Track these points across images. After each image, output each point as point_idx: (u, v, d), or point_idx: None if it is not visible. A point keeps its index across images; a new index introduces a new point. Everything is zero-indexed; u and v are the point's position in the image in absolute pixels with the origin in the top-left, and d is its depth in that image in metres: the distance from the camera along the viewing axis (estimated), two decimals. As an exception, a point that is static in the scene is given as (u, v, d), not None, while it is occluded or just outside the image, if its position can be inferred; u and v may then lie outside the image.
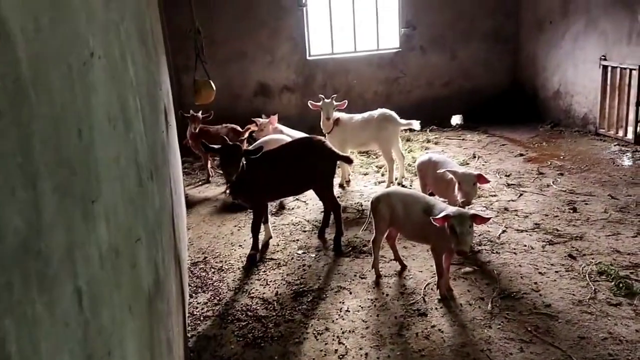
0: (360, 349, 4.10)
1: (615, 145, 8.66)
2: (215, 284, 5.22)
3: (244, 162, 5.23)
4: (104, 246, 1.37)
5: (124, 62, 2.32)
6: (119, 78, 2.09)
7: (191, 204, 7.38)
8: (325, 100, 7.42)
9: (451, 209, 4.39)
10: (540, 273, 5.00)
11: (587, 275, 4.86)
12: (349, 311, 4.63)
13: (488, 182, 5.60)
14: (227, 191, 6.96)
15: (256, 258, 5.67)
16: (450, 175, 5.30)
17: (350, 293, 4.92)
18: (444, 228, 4.34)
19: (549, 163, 8.16)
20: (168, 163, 4.29)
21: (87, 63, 1.49)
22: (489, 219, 4.55)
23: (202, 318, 4.67)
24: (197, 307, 4.83)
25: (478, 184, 5.30)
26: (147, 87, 3.22)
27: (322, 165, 5.73)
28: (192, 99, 7.54)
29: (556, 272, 5.00)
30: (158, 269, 2.51)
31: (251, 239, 6.04)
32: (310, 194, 6.42)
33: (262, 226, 5.91)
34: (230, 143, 5.26)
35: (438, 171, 5.38)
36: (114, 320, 1.38)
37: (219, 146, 5.19)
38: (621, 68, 8.62)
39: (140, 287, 1.91)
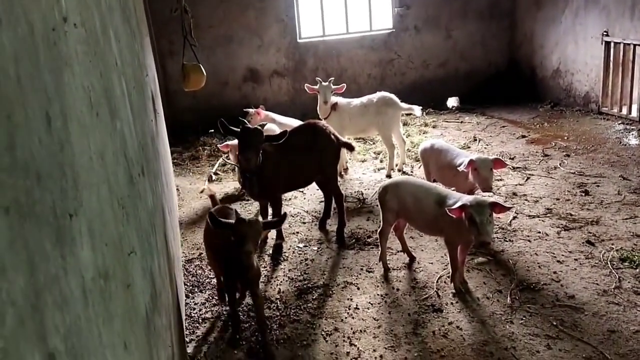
0: (374, 350, 3.79)
1: (619, 124, 8.39)
2: (212, 282, 4.87)
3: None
4: (89, 273, 1.02)
5: (107, 37, 1.94)
6: (101, 55, 1.72)
7: (183, 196, 6.99)
8: (323, 83, 7.03)
9: (467, 198, 4.07)
10: (558, 261, 4.72)
11: (608, 263, 4.58)
12: (359, 309, 4.32)
13: (505, 166, 5.30)
14: (243, 191, 6.47)
15: (282, 247, 5.42)
16: (463, 165, 4.93)
17: (358, 289, 4.60)
18: (459, 219, 4.03)
19: (553, 144, 7.87)
20: (159, 155, 3.91)
21: (57, 29, 1.12)
22: (510, 208, 4.25)
23: (200, 320, 4.33)
24: (194, 309, 4.49)
25: (494, 170, 4.98)
26: (132, 69, 2.83)
27: (328, 151, 5.37)
28: (179, 85, 7.11)
29: (575, 259, 4.72)
30: (155, 279, 2.16)
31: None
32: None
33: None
34: (251, 126, 4.84)
35: (459, 168, 4.99)
36: (105, 372, 1.03)
37: (239, 129, 4.75)
38: (624, 44, 8.32)
39: (136, 311, 1.56)
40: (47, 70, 1.00)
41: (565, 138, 8.11)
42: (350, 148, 5.64)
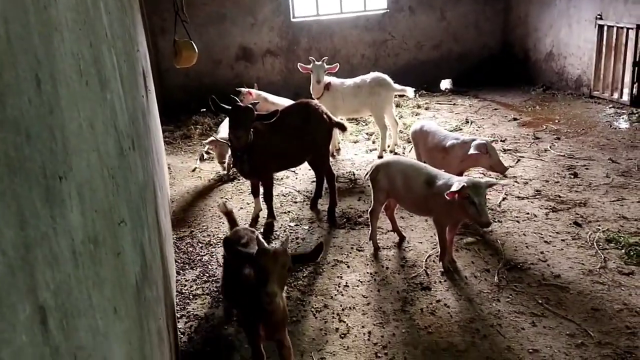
0: (363, 326, 3.85)
1: (610, 108, 8.44)
2: (203, 259, 4.90)
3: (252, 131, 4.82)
4: (79, 236, 1.03)
5: (97, 8, 1.93)
6: (90, 25, 1.71)
7: (174, 175, 6.98)
8: (316, 62, 7.00)
9: (463, 179, 4.08)
10: (545, 242, 4.78)
11: (594, 243, 4.65)
12: (348, 286, 4.37)
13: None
14: (232, 170, 6.50)
15: (273, 225, 5.43)
16: (474, 149, 4.94)
17: (348, 267, 4.65)
18: (449, 200, 4.05)
19: (544, 127, 7.91)
20: (150, 131, 3.90)
21: (46, -7, 1.11)
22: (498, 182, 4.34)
23: (191, 297, 4.36)
24: (185, 285, 4.52)
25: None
26: (123, 42, 2.81)
27: (320, 131, 5.37)
28: (171, 64, 7.06)
29: (562, 240, 4.78)
30: (145, 252, 2.17)
31: (240, 210, 5.79)
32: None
33: (253, 199, 5.61)
34: (243, 104, 4.83)
35: (470, 152, 4.96)
36: (94, 333, 1.05)
37: (230, 106, 4.74)
38: (618, 27, 8.33)
39: (126, 279, 1.58)
40: (37, 33, 1.00)
41: (557, 121, 8.15)
42: (343, 128, 5.64)
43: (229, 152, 6.00)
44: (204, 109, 8.99)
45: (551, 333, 3.63)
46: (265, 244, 2.84)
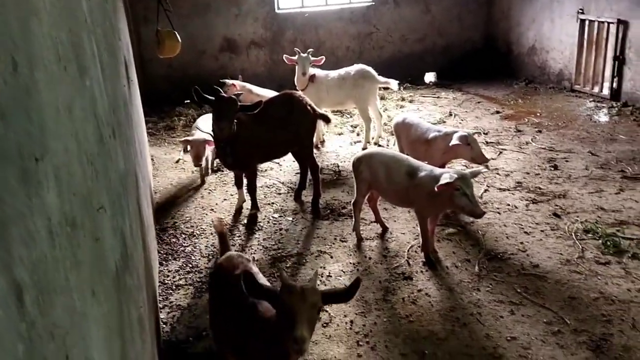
0: (345, 316, 3.89)
1: (591, 101, 8.57)
2: (187, 250, 4.90)
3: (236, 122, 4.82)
4: (55, 217, 1.04)
5: (76, -6, 1.92)
6: (70, 10, 1.70)
7: (157, 166, 6.94)
8: (302, 54, 7.00)
9: (451, 172, 4.12)
10: (525, 232, 4.86)
11: (573, 234, 4.74)
12: (331, 276, 4.40)
13: None
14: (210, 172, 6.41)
15: (257, 217, 5.42)
16: (455, 140, 4.98)
17: (332, 257, 4.68)
18: (431, 191, 4.09)
19: (526, 120, 8.00)
20: (132, 121, 3.88)
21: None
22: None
23: (174, 287, 4.36)
24: (168, 276, 4.51)
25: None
26: (104, 30, 2.79)
27: (304, 122, 5.38)
28: (154, 54, 7.00)
29: (542, 231, 4.87)
30: (126, 240, 2.18)
31: (223, 202, 5.79)
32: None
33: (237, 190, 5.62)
34: (226, 95, 4.82)
35: (451, 143, 4.97)
36: (72, 312, 1.06)
37: (214, 97, 4.73)
38: (599, 22, 8.44)
39: (105, 264, 1.59)
40: (13, 15, 1.00)
41: (538, 114, 8.25)
42: (327, 120, 5.66)
43: (206, 153, 5.90)
44: (188, 101, 8.94)
45: (529, 321, 3.71)
46: (290, 279, 2.40)
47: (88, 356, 1.15)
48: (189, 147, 5.88)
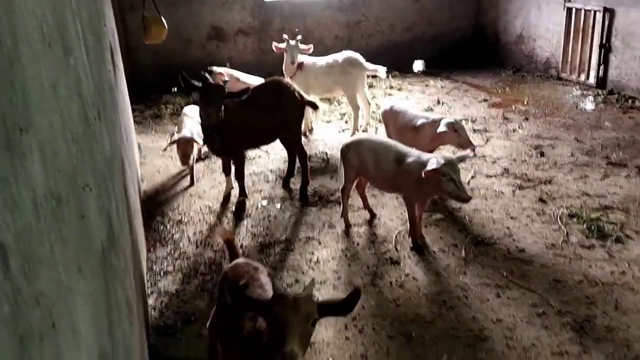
0: (333, 300, 3.91)
1: (577, 89, 8.65)
2: (175, 237, 4.89)
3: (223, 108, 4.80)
4: (40, 190, 1.04)
5: (59, -27, 1.90)
6: (52, -12, 1.68)
7: (145, 154, 6.90)
8: (291, 42, 6.96)
9: (438, 158, 4.14)
10: (512, 218, 4.92)
11: (558, 219, 4.80)
12: (319, 262, 4.42)
13: None
14: (206, 148, 6.18)
15: (245, 204, 5.40)
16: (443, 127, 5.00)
17: (320, 243, 4.70)
18: (419, 177, 4.12)
19: (514, 108, 8.06)
20: (117, 106, 3.85)
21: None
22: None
23: (162, 273, 4.36)
24: (155, 262, 4.51)
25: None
26: (89, 14, 2.77)
27: (292, 109, 5.37)
28: (141, 42, 6.94)
29: (528, 216, 4.92)
30: (112, 221, 2.17)
31: (211, 189, 5.77)
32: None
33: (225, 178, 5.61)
34: (213, 82, 4.80)
35: (438, 130, 4.98)
36: (58, 284, 1.06)
37: (201, 83, 4.71)
38: (585, 10, 8.50)
39: (91, 243, 1.59)
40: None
41: (525, 102, 8.31)
42: (314, 107, 5.66)
43: (194, 151, 5.75)
44: (175, 89, 8.88)
45: (514, 304, 3.76)
46: (282, 288, 2.16)
47: (75, 329, 1.16)
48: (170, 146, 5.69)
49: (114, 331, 1.82)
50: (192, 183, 5.98)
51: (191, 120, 5.89)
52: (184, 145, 5.55)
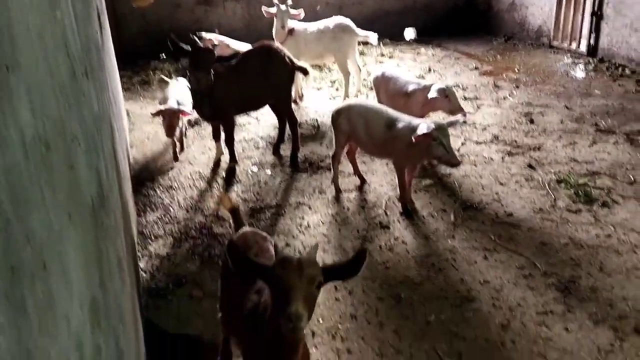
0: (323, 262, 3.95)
1: (568, 57, 8.64)
2: (165, 202, 4.89)
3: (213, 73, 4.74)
4: (29, 132, 1.03)
5: None
6: None
7: (133, 121, 6.84)
8: (281, 6, 6.85)
9: (428, 122, 4.14)
10: (500, 183, 4.96)
11: (546, 184, 4.85)
12: (310, 226, 4.45)
13: None
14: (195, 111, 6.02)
15: (235, 170, 5.40)
16: (434, 92, 4.97)
17: (310, 208, 4.73)
18: (409, 142, 4.12)
19: (504, 76, 8.05)
20: (105, 68, 3.79)
21: None
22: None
23: (152, 237, 4.37)
24: (146, 226, 4.52)
25: None
26: (74, -31, 2.70)
27: (283, 74, 5.32)
28: (128, 7, 6.79)
29: (516, 182, 4.97)
30: (101, 178, 2.16)
31: (201, 155, 5.76)
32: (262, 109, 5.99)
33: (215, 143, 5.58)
34: (203, 46, 4.73)
35: (430, 95, 4.95)
36: (49, 227, 1.06)
37: (190, 47, 4.64)
38: (578, -23, 8.42)
39: (81, 195, 1.58)
40: None
41: (516, 70, 8.29)
42: (305, 72, 5.60)
43: (180, 123, 5.50)
44: (163, 55, 8.75)
45: (502, 266, 3.82)
46: (286, 252, 2.11)
47: (67, 274, 1.16)
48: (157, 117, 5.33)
49: (106, 286, 1.83)
50: (175, 159, 5.66)
51: (177, 90, 5.72)
52: (170, 117, 5.21)
